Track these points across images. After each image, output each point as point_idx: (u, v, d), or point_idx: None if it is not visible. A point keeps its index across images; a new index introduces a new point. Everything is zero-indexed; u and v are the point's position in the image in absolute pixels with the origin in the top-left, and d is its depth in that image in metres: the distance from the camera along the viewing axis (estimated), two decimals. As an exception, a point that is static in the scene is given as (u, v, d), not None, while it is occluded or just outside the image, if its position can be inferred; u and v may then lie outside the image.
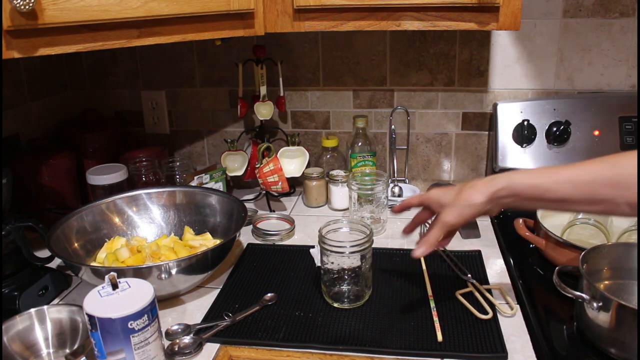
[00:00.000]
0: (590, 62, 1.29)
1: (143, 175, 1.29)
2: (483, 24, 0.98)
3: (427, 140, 1.42)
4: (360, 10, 0.99)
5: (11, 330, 0.83)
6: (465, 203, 0.78)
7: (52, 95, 1.44)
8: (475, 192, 0.77)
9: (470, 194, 0.78)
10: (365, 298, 0.93)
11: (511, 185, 0.75)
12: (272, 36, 1.33)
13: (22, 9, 0.68)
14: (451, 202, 0.80)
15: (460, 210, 0.79)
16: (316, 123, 1.46)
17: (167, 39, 0.90)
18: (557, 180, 0.72)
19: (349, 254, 0.89)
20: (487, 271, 1.03)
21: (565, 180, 0.72)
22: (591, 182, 0.70)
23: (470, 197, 0.78)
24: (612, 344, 0.78)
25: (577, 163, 0.72)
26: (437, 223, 0.82)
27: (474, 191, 0.78)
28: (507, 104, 1.29)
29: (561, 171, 0.73)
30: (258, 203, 1.41)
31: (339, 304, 0.93)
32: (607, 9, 1.24)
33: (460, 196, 0.79)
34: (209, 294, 0.99)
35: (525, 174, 0.76)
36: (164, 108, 1.50)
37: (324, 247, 0.90)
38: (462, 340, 0.82)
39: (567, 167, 0.73)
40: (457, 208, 0.79)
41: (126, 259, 1.00)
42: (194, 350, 0.82)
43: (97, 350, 0.71)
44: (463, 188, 0.80)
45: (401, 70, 1.37)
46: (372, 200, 1.20)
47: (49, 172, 1.22)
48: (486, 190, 0.77)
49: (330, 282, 0.93)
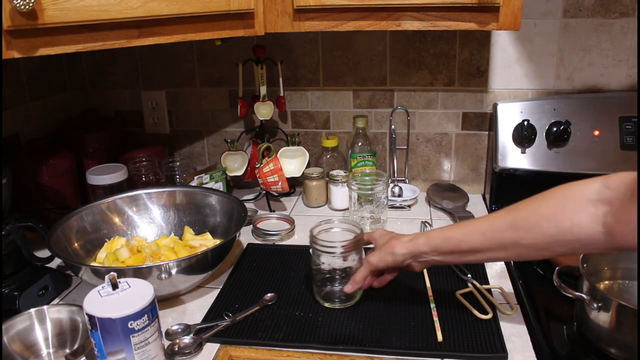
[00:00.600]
0: (590, 62, 1.29)
1: (143, 175, 1.29)
2: (483, 24, 0.98)
3: (427, 140, 1.42)
4: (360, 10, 0.99)
5: (11, 330, 0.83)
6: (388, 250, 0.87)
7: (52, 95, 1.43)
8: (399, 244, 0.86)
9: (394, 245, 0.87)
10: (356, 298, 0.93)
11: (429, 241, 0.83)
12: (272, 36, 1.33)
13: (22, 9, 0.68)
14: (380, 246, 0.90)
15: (382, 256, 0.88)
16: (316, 123, 1.46)
17: (167, 39, 0.90)
18: (467, 232, 0.79)
19: (340, 254, 0.90)
20: (487, 271, 1.03)
21: (474, 230, 0.78)
22: (496, 229, 0.76)
23: (393, 247, 0.87)
24: (612, 344, 0.78)
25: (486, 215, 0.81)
26: (364, 263, 0.90)
27: (399, 243, 0.87)
28: (507, 104, 1.29)
29: (472, 223, 0.81)
30: (258, 203, 1.41)
31: (329, 304, 0.93)
32: (607, 9, 1.24)
33: (388, 244, 0.88)
34: (209, 294, 0.99)
35: (441, 229, 0.85)
36: (164, 108, 1.50)
37: (315, 247, 0.91)
38: (462, 340, 0.82)
39: (478, 219, 0.81)
40: (380, 253, 0.88)
41: (126, 259, 1.00)
42: (194, 350, 0.82)
43: (97, 350, 0.71)
44: (394, 238, 0.89)
45: (401, 70, 1.37)
46: (372, 200, 1.20)
47: (49, 172, 1.22)
48: (408, 246, 0.86)
49: (321, 282, 0.93)
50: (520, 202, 0.75)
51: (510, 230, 0.74)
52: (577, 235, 0.68)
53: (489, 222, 0.78)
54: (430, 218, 1.29)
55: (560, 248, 0.71)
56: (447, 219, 1.28)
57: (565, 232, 0.69)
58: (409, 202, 1.34)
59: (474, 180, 1.44)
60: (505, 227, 0.75)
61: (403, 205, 1.34)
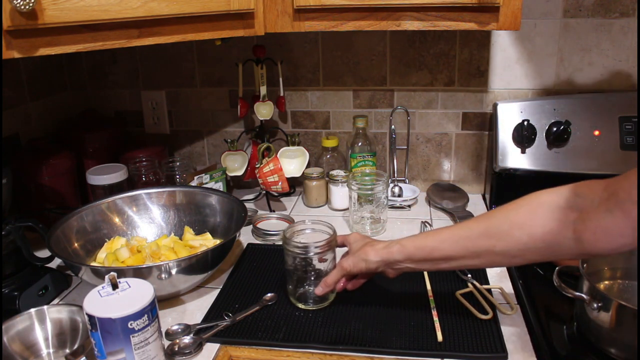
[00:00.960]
0: (590, 62, 1.29)
1: (143, 175, 1.29)
2: (483, 24, 0.98)
3: (427, 140, 1.42)
4: (360, 10, 0.99)
5: (11, 330, 0.83)
6: (361, 257, 0.87)
7: (52, 95, 1.44)
8: (373, 251, 0.87)
9: (368, 252, 0.87)
10: (329, 299, 0.94)
11: (403, 249, 0.84)
12: (272, 36, 1.33)
13: (22, 9, 0.68)
14: (354, 251, 0.90)
15: (356, 261, 0.88)
16: (316, 123, 1.46)
17: (167, 39, 0.90)
18: (440, 240, 0.80)
19: (313, 255, 0.90)
20: (487, 271, 1.03)
21: (447, 238, 0.79)
22: (469, 237, 0.77)
23: (367, 254, 0.87)
24: (612, 344, 0.78)
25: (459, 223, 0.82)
26: (337, 267, 0.90)
27: (372, 250, 0.87)
28: (507, 104, 1.29)
29: (445, 231, 0.81)
30: (258, 203, 1.41)
31: (303, 304, 0.93)
32: (607, 9, 1.24)
33: (362, 250, 0.88)
34: (209, 294, 0.99)
35: (414, 238, 0.85)
36: (164, 108, 1.50)
37: (288, 249, 0.91)
38: (462, 340, 0.82)
39: (451, 227, 0.82)
40: (354, 258, 0.89)
41: (126, 259, 1.00)
42: (194, 350, 0.82)
43: (97, 350, 0.71)
44: (368, 244, 0.89)
45: (401, 70, 1.37)
46: (372, 200, 1.20)
47: (49, 172, 1.22)
48: (382, 253, 0.86)
49: (295, 283, 0.93)
50: (493, 210, 0.77)
51: (483, 238, 0.75)
52: (547, 242, 0.69)
53: (462, 230, 0.78)
54: (430, 218, 1.29)
55: (532, 255, 0.72)
56: (447, 219, 1.28)
57: (537, 240, 0.70)
58: (409, 202, 1.34)
59: (474, 180, 1.44)
60: (478, 235, 0.75)
61: (403, 205, 1.34)
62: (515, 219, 0.72)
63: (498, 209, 0.76)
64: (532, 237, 0.70)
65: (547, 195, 0.71)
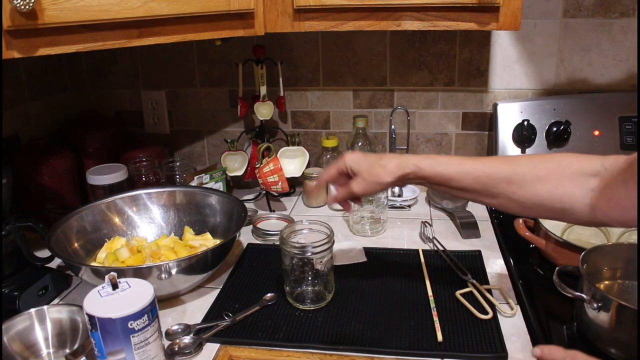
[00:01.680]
0: (590, 62, 1.29)
1: (143, 175, 1.29)
2: (483, 24, 0.98)
3: (427, 140, 1.42)
4: (360, 10, 0.99)
5: (11, 330, 0.83)
6: (374, 180, 0.83)
7: (52, 95, 1.44)
8: (386, 172, 0.82)
9: (380, 174, 0.83)
10: (327, 299, 0.94)
11: (420, 171, 0.80)
12: (272, 36, 1.33)
13: (22, 9, 0.68)
14: (362, 173, 0.85)
15: (369, 186, 0.84)
16: (316, 123, 1.46)
17: (167, 39, 0.90)
18: (460, 171, 0.78)
19: (310, 255, 0.90)
20: (487, 271, 1.03)
21: (469, 172, 0.77)
22: (490, 176, 0.75)
23: (380, 176, 0.83)
24: (612, 344, 0.78)
25: (484, 157, 0.79)
26: (347, 189, 0.87)
27: (385, 172, 0.82)
28: (507, 104, 1.29)
29: (466, 163, 0.78)
30: (258, 203, 1.41)
31: (301, 304, 0.93)
32: (607, 9, 1.24)
33: (372, 172, 0.83)
34: (209, 294, 0.99)
35: (433, 161, 0.80)
36: (164, 108, 1.50)
37: (285, 249, 0.91)
38: (462, 340, 0.82)
39: (473, 160, 0.79)
40: (366, 183, 0.84)
41: (126, 259, 1.00)
42: (194, 350, 0.82)
43: (97, 350, 0.71)
44: (376, 163, 0.84)
45: (401, 70, 1.37)
46: (372, 200, 1.20)
47: (49, 172, 1.22)
48: (395, 172, 0.82)
49: (292, 283, 0.93)
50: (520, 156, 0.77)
51: (505, 183, 0.74)
52: (565, 204, 0.69)
53: (486, 167, 0.76)
54: (430, 218, 1.29)
55: (545, 212, 0.73)
56: (447, 219, 1.28)
57: (555, 200, 0.70)
58: (409, 202, 1.34)
59: (474, 180, 1.43)
60: (501, 178, 0.74)
61: (403, 205, 1.34)
62: (540, 173, 0.72)
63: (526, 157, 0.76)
64: (551, 196, 0.70)
65: (577, 159, 0.71)
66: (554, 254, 1.01)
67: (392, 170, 0.82)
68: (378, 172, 0.83)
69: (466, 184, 0.77)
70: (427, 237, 1.17)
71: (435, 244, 1.13)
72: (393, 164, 0.82)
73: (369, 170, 0.84)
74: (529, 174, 0.72)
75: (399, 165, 0.82)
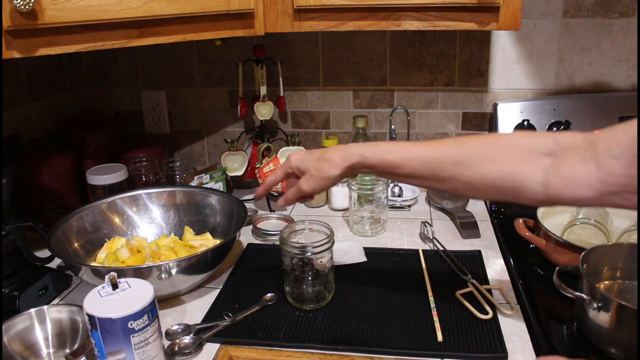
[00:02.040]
0: (590, 62, 1.29)
1: (143, 175, 1.30)
2: (483, 24, 0.98)
3: (427, 140, 1.42)
4: (360, 10, 0.99)
5: (11, 330, 0.83)
6: (322, 175, 0.82)
7: (52, 95, 1.44)
8: (331, 166, 0.81)
9: (326, 167, 0.81)
10: (327, 299, 0.94)
11: (365, 160, 0.79)
12: (272, 36, 1.33)
13: (22, 9, 0.68)
14: (309, 170, 0.83)
15: (318, 182, 0.83)
16: (316, 123, 1.46)
17: (167, 39, 0.90)
18: (406, 157, 0.76)
19: (311, 255, 0.90)
20: (487, 271, 1.03)
21: (415, 157, 0.75)
22: (437, 160, 0.73)
23: (326, 170, 0.81)
24: (612, 344, 0.78)
25: (433, 141, 0.77)
26: (296, 188, 0.85)
27: (330, 165, 0.81)
28: (507, 104, 1.29)
29: (413, 148, 0.76)
30: (258, 203, 1.41)
31: (301, 304, 0.93)
32: (607, 9, 1.24)
33: (318, 167, 0.82)
34: (209, 294, 0.99)
35: (378, 149, 0.78)
36: (164, 108, 1.50)
37: (285, 249, 0.91)
38: (462, 340, 0.82)
39: (420, 145, 0.77)
40: (314, 179, 0.83)
41: (126, 259, 1.00)
42: (194, 350, 0.82)
43: (97, 350, 0.71)
44: (321, 158, 0.82)
45: (401, 70, 1.37)
46: (372, 200, 1.20)
47: (49, 172, 1.22)
48: (341, 164, 0.80)
49: (292, 283, 0.94)
50: (467, 136, 0.75)
51: (452, 165, 0.72)
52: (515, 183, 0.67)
53: (431, 151, 0.75)
54: (430, 218, 1.29)
55: (496, 193, 0.71)
56: (447, 219, 1.28)
57: (505, 178, 0.68)
58: (409, 202, 1.34)
59: (474, 180, 1.43)
60: (448, 160, 0.72)
61: (403, 205, 1.34)
62: (489, 152, 0.70)
63: (473, 138, 0.74)
64: (501, 175, 0.68)
65: (527, 137, 0.70)
66: (554, 254, 1.01)
67: (337, 163, 0.80)
68: (324, 167, 0.81)
69: (413, 169, 0.75)
70: (427, 237, 1.17)
71: (435, 244, 1.13)
72: (337, 155, 0.81)
73: (315, 167, 0.82)
74: (477, 154, 0.70)
75: (343, 156, 0.80)
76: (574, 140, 0.64)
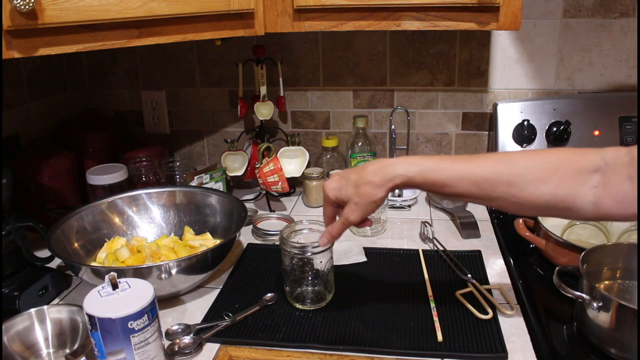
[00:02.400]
0: (590, 62, 1.29)
1: (143, 175, 1.30)
2: (483, 24, 0.98)
3: (427, 140, 1.42)
4: (360, 10, 0.99)
5: (11, 330, 0.83)
6: (367, 200, 0.77)
7: (52, 95, 1.43)
8: (374, 188, 0.76)
9: (370, 192, 0.77)
10: (327, 299, 0.94)
11: (409, 181, 0.75)
12: (272, 36, 1.33)
13: (22, 9, 0.68)
14: (352, 198, 0.78)
15: (365, 208, 0.78)
16: (316, 123, 1.46)
17: (167, 39, 0.90)
18: (454, 176, 0.73)
19: (311, 255, 0.90)
20: (487, 271, 1.03)
21: (463, 177, 0.72)
22: (488, 180, 0.71)
23: (371, 195, 0.77)
24: (612, 344, 0.78)
25: (476, 157, 0.74)
26: (342, 220, 0.81)
27: (374, 188, 0.76)
28: (507, 104, 1.29)
29: (458, 165, 0.73)
30: (258, 203, 1.41)
31: (301, 305, 0.93)
32: (607, 9, 1.24)
33: (360, 193, 0.77)
34: (209, 294, 0.99)
35: (423, 168, 0.75)
36: (164, 108, 1.50)
37: (285, 249, 0.91)
38: (462, 340, 0.82)
39: (465, 161, 0.74)
40: (360, 207, 0.78)
41: (126, 259, 1.00)
42: (194, 350, 0.82)
43: (97, 350, 0.71)
44: (360, 182, 0.77)
45: (401, 70, 1.37)
46: (372, 200, 1.20)
47: (49, 172, 1.22)
48: (385, 184, 0.76)
49: (292, 283, 0.94)
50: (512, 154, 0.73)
51: (504, 186, 0.70)
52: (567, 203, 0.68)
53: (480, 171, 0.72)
54: (430, 218, 1.29)
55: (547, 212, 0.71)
56: (447, 219, 1.28)
57: (558, 200, 0.68)
58: (409, 202, 1.34)
59: (474, 180, 1.43)
60: (500, 181, 0.71)
61: (403, 205, 1.34)
62: (541, 174, 0.69)
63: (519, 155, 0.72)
64: (554, 196, 0.68)
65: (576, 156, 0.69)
66: (554, 254, 1.01)
67: (380, 184, 0.76)
68: (367, 192, 0.77)
69: (463, 189, 0.73)
70: (427, 237, 1.17)
71: (435, 244, 1.13)
72: (378, 177, 0.76)
73: (357, 193, 0.78)
74: (529, 175, 0.69)
75: (386, 178, 0.76)
76: (618, 155, 0.65)
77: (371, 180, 0.76)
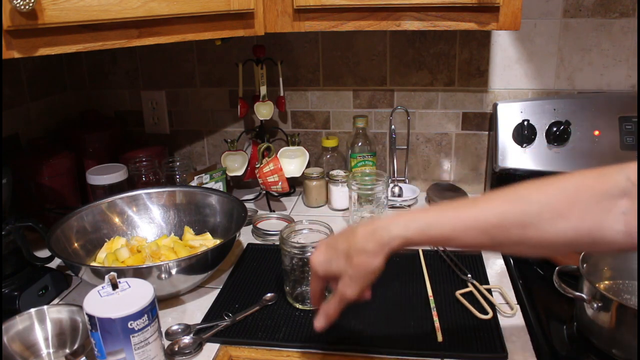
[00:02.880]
0: (590, 62, 1.29)
1: (143, 175, 1.30)
2: (483, 24, 0.98)
3: (427, 140, 1.42)
4: (360, 10, 0.99)
5: (11, 330, 0.83)
6: (363, 272, 0.67)
7: (52, 95, 1.43)
8: (369, 257, 0.66)
9: (364, 262, 0.66)
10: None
11: (409, 242, 0.65)
12: (272, 36, 1.33)
13: (22, 9, 0.68)
14: (345, 271, 0.68)
15: (362, 280, 0.68)
16: (316, 123, 1.46)
17: (167, 39, 0.90)
18: (459, 227, 0.63)
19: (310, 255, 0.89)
20: (487, 271, 1.03)
21: (471, 226, 0.62)
22: (498, 226, 0.61)
23: (366, 265, 0.66)
24: (612, 344, 0.78)
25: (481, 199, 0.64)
26: (338, 297, 0.70)
27: (368, 257, 0.66)
28: (507, 104, 1.29)
29: (463, 213, 0.63)
30: (258, 203, 1.41)
31: (301, 305, 0.93)
32: (607, 9, 1.24)
33: (354, 264, 0.67)
34: (209, 294, 0.99)
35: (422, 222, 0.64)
36: (164, 108, 1.50)
37: (285, 249, 0.91)
38: (462, 341, 0.82)
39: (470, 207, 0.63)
40: (356, 280, 0.67)
41: (126, 259, 1.00)
42: (194, 350, 0.82)
43: (97, 350, 0.71)
44: (351, 252, 0.67)
45: (401, 70, 1.37)
46: (372, 200, 1.20)
47: (49, 172, 1.22)
48: (380, 251, 0.65)
49: (292, 283, 0.93)
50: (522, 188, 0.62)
51: (518, 229, 0.59)
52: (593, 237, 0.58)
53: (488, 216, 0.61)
54: (430, 218, 1.28)
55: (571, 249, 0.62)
56: (447, 219, 1.28)
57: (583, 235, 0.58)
58: (409, 202, 1.34)
59: (474, 180, 1.44)
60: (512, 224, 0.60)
61: (403, 205, 1.34)
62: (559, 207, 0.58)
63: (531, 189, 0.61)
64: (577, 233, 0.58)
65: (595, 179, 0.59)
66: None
67: (375, 251, 0.65)
68: (362, 262, 0.66)
69: (470, 240, 0.62)
70: (427, 237, 1.16)
71: (435, 244, 1.13)
72: (372, 244, 0.65)
73: (350, 265, 0.67)
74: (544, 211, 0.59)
75: (381, 242, 0.65)
76: None
77: (364, 248, 0.66)
